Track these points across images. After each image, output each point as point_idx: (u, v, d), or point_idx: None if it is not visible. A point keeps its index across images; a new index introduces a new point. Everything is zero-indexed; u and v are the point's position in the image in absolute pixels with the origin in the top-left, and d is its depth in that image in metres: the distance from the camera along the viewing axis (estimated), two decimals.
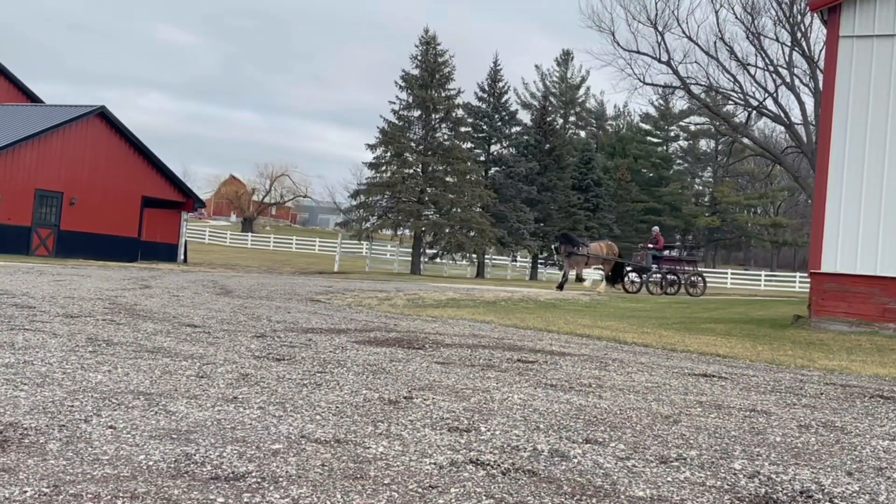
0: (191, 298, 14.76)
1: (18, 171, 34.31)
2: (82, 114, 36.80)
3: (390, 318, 13.67)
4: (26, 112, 38.99)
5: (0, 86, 43.59)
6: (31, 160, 34.91)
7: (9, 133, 35.38)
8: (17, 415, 4.95)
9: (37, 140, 35.00)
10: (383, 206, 50.59)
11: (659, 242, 31.86)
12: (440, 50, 51.49)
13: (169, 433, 4.77)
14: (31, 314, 10.22)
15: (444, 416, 5.76)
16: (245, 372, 7.03)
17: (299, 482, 4.04)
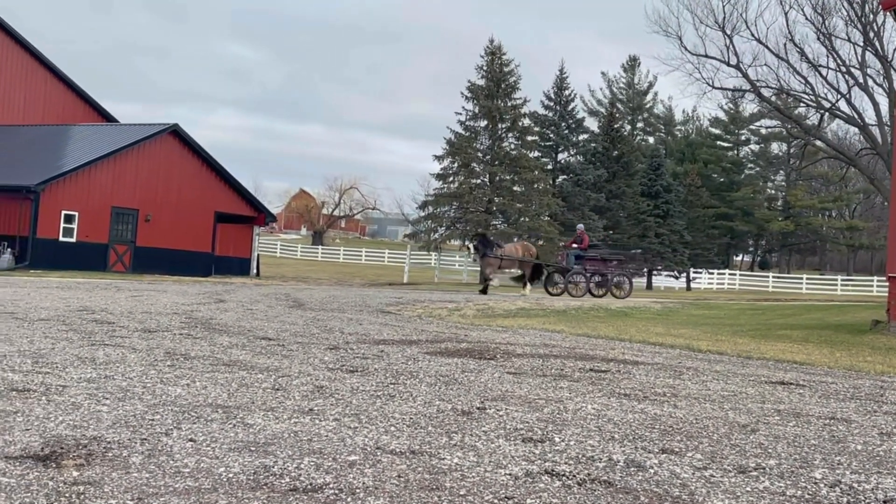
0: (264, 312, 14.96)
1: (95, 190, 35.12)
2: (156, 132, 37.57)
3: (461, 329, 13.69)
4: (102, 132, 39.94)
5: (77, 107, 44.71)
6: (108, 179, 35.73)
7: (86, 153, 36.26)
8: (101, 429, 5.07)
9: (112, 159, 35.81)
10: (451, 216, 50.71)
11: (583, 241, 30.25)
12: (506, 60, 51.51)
13: (247, 445, 4.84)
14: (110, 330, 10.45)
15: (517, 426, 5.76)
16: (320, 384, 7.11)
17: (376, 493, 4.07)
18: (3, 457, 4.35)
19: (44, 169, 34.76)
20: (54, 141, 39.43)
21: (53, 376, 6.76)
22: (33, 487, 3.90)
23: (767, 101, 56.78)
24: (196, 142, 38.73)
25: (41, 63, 43.32)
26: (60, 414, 5.39)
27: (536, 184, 51.29)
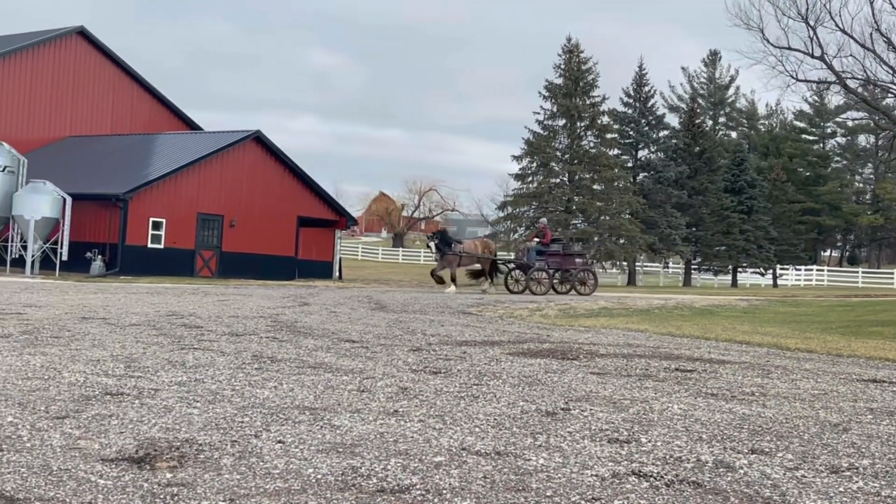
0: (348, 314, 15.11)
1: (182, 197, 35.88)
2: (239, 139, 38.20)
3: (542, 329, 13.65)
4: (187, 140, 40.78)
5: (162, 116, 45.73)
6: (193, 185, 36.46)
7: (172, 161, 37.06)
8: (192, 431, 5.19)
9: (198, 166, 36.52)
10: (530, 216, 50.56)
11: (546, 236, 29.13)
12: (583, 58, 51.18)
13: (335, 447, 4.91)
14: (199, 334, 10.67)
15: (603, 427, 5.73)
16: (404, 385, 7.16)
17: (462, 494, 4.09)
18: (99, 459, 4.47)
19: (132, 177, 35.63)
20: (141, 150, 40.40)
21: (146, 380, 6.93)
22: (129, 489, 4.01)
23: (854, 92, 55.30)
24: (278, 148, 39.28)
25: (129, 75, 44.42)
26: (153, 417, 5.53)
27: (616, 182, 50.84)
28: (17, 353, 8.09)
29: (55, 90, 42.05)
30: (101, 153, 39.82)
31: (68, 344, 9.00)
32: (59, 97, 42.19)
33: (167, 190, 35.58)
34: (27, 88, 41.08)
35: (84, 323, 11.37)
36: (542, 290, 27.57)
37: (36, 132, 41.29)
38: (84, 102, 43.13)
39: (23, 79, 40.96)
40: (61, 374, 7.04)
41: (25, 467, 4.26)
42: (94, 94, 43.42)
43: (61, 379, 6.79)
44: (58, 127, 42.23)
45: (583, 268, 29.25)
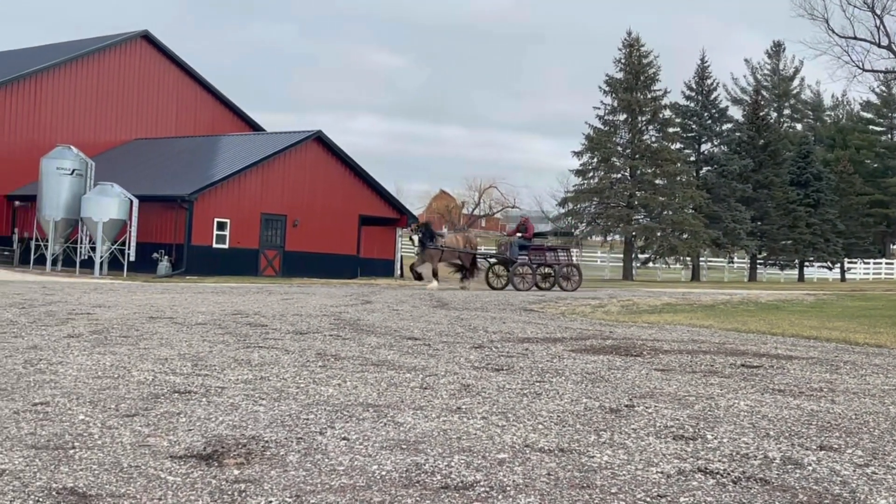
0: (409, 312, 15.17)
1: (245, 197, 36.32)
2: (301, 139, 38.55)
3: (605, 326, 13.57)
4: (250, 141, 41.27)
5: (225, 118, 46.34)
6: (256, 186, 36.88)
7: (235, 161, 37.54)
8: (258, 428, 5.25)
9: (260, 166, 36.94)
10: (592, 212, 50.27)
11: (528, 230, 28.03)
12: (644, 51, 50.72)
13: (398, 444, 4.93)
14: (263, 332, 10.80)
15: (667, 423, 5.68)
16: (466, 383, 7.17)
17: (526, 491, 4.08)
18: (168, 456, 4.55)
19: (196, 179, 36.17)
20: (205, 151, 40.98)
21: (212, 378, 7.03)
22: (197, 485, 4.07)
23: None
24: (339, 147, 39.56)
25: (192, 77, 45.10)
26: (220, 414, 5.61)
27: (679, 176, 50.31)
28: (88, 353, 8.27)
29: (121, 94, 42.85)
30: (166, 155, 40.49)
31: (137, 343, 9.17)
32: (124, 101, 42.98)
33: (231, 191, 36.04)
34: (94, 93, 41.92)
35: (152, 322, 11.57)
36: (525, 285, 26.62)
37: (103, 135, 42.12)
38: (149, 105, 43.89)
39: (90, 83, 41.81)
40: (130, 372, 7.17)
41: (97, 464, 4.35)
42: (158, 97, 44.15)
43: (130, 378, 6.92)
44: (124, 130, 43.02)
45: (567, 263, 28.26)
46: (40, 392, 6.16)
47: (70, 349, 8.49)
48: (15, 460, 4.36)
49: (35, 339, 9.26)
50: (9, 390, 6.18)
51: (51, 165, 34.64)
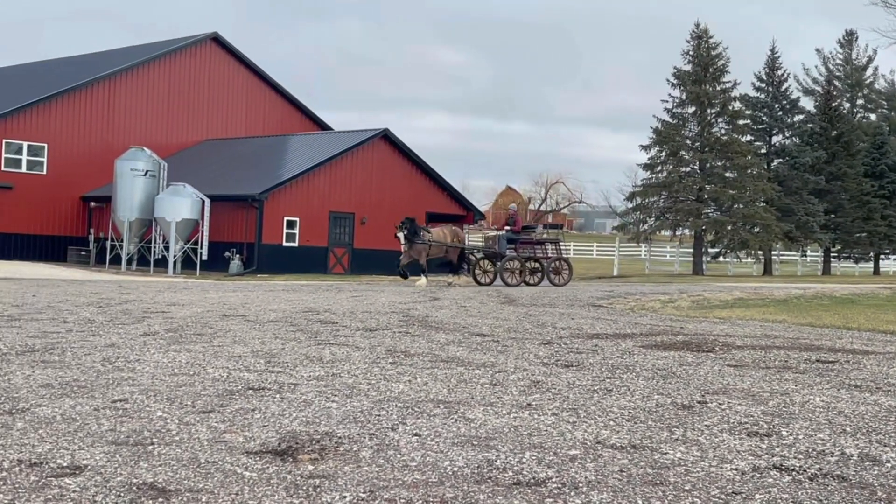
0: (477, 308, 15.19)
1: (314, 196, 36.70)
2: (368, 137, 38.82)
3: (675, 321, 13.44)
4: (318, 140, 41.67)
5: (293, 117, 46.85)
6: (325, 184, 37.24)
7: (304, 161, 37.94)
8: (331, 424, 5.32)
9: (329, 165, 37.29)
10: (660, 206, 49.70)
11: (517, 224, 26.78)
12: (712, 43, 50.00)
13: (469, 440, 4.95)
14: (334, 329, 10.91)
15: (741, 420, 5.62)
16: (536, 379, 7.16)
17: (599, 488, 4.08)
18: (244, 452, 4.63)
19: (266, 178, 36.63)
20: (275, 151, 41.47)
21: (285, 375, 7.13)
22: (273, 481, 4.14)
23: None
24: (406, 145, 39.75)
25: (260, 78, 45.67)
26: (293, 411, 5.68)
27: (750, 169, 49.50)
28: (164, 351, 8.44)
29: (191, 95, 43.56)
30: (237, 155, 41.06)
31: (211, 341, 9.33)
32: (195, 102, 43.70)
33: (300, 189, 36.44)
34: (165, 95, 42.68)
35: (225, 320, 11.76)
36: (515, 280, 25.60)
37: (174, 137, 42.88)
38: (219, 106, 44.56)
39: (161, 86, 42.58)
40: (205, 369, 7.30)
41: (175, 459, 4.45)
42: (228, 99, 44.80)
43: (205, 375, 7.05)
44: (195, 131, 43.75)
45: (556, 256, 27.11)
46: (119, 389, 6.31)
47: (146, 347, 8.67)
48: (96, 456, 4.47)
49: (112, 337, 9.47)
50: (89, 388, 6.34)
51: (125, 167, 35.38)
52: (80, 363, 7.47)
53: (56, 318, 11.38)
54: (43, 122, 38.85)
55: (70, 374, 6.86)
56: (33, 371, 6.98)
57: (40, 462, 4.33)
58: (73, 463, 4.33)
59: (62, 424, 5.14)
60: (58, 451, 4.55)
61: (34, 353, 7.99)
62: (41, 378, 6.66)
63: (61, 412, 5.46)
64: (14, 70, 51.15)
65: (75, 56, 50.54)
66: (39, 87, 41.30)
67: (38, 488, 3.93)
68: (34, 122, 38.62)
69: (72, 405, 5.68)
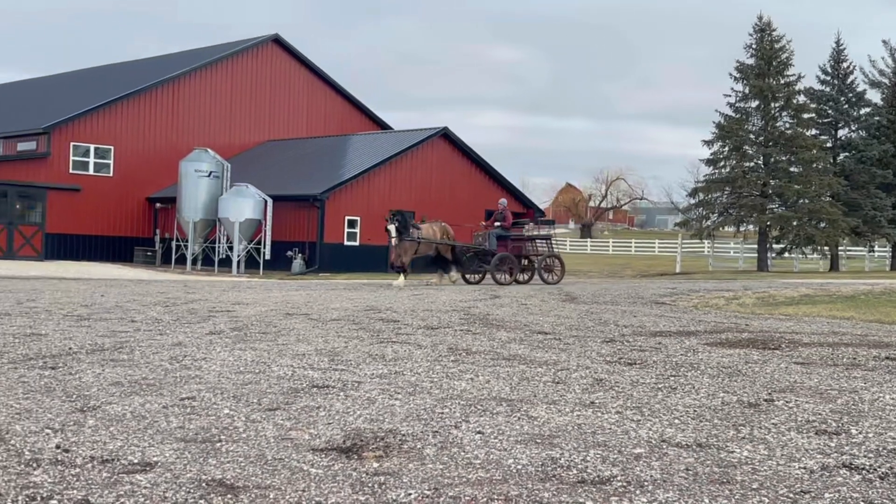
0: (538, 306, 15.15)
1: (374, 195, 36.93)
2: (427, 136, 38.96)
3: (740, 318, 13.27)
4: (378, 139, 41.91)
5: (354, 117, 47.16)
6: (385, 183, 37.46)
7: (364, 160, 38.20)
8: (395, 422, 5.35)
9: (389, 164, 37.50)
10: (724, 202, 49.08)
11: (506, 219, 25.53)
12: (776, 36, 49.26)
13: (533, 438, 4.95)
14: (396, 327, 10.96)
15: (809, 418, 5.53)
16: (599, 377, 7.13)
17: (664, 486, 4.05)
18: (310, 449, 4.69)
19: (327, 178, 36.95)
20: (335, 151, 41.80)
21: (349, 373, 7.19)
22: (339, 478, 4.18)
23: None
24: (465, 143, 39.80)
25: (321, 78, 46.07)
26: (358, 408, 5.73)
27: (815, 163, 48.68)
28: (230, 349, 8.56)
29: (253, 97, 44.08)
30: (298, 156, 41.47)
31: (275, 339, 9.44)
32: (257, 103, 44.21)
33: (361, 189, 36.69)
34: (228, 96, 43.25)
35: (288, 319, 11.89)
36: (507, 279, 24.38)
37: (237, 138, 43.43)
38: (280, 107, 45.03)
39: (223, 88, 43.15)
40: (270, 367, 7.39)
41: (242, 456, 4.51)
42: (289, 99, 45.25)
43: (270, 373, 7.13)
44: (257, 132, 44.26)
45: (549, 253, 25.92)
46: (186, 387, 6.42)
47: (212, 345, 8.80)
48: (166, 453, 4.56)
49: (179, 336, 9.63)
50: (157, 386, 6.46)
51: (189, 168, 35.94)
52: (149, 362, 7.61)
53: (124, 318, 11.60)
54: (109, 125, 39.61)
55: (139, 373, 6.99)
56: (103, 369, 7.13)
57: (112, 458, 4.42)
58: (144, 460, 4.42)
59: (132, 422, 5.24)
60: (128, 447, 4.64)
61: (104, 352, 8.16)
62: (111, 376, 6.80)
63: (131, 410, 5.57)
64: (80, 74, 52.23)
65: (139, 60, 51.47)
66: (105, 90, 42.12)
67: (110, 484, 4.01)
68: (101, 125, 39.40)
69: (141, 403, 5.79)
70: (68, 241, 38.13)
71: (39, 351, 8.15)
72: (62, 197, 37.81)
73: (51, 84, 51.56)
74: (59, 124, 38.04)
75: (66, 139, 38.23)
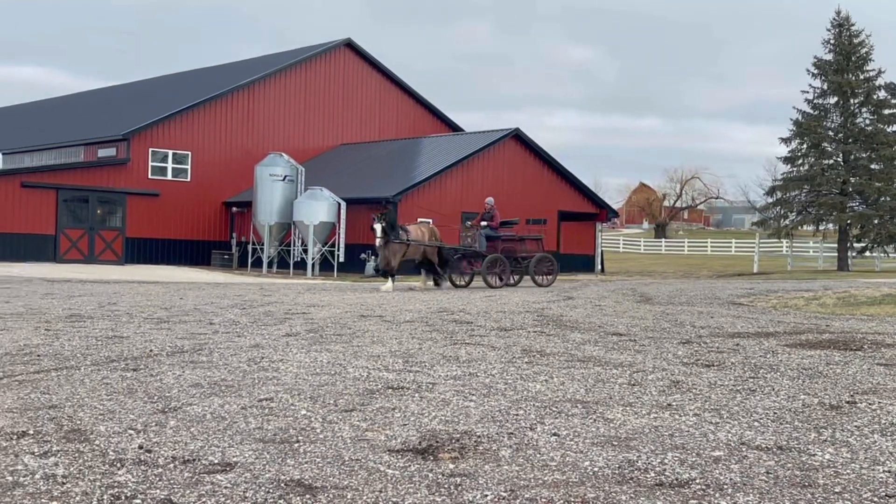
0: (612, 307, 15.04)
1: (446, 197, 37.00)
2: (499, 137, 38.91)
3: (820, 319, 13.00)
4: (449, 141, 41.99)
5: (425, 119, 47.35)
6: (457, 185, 37.51)
7: (436, 162, 38.31)
8: (470, 423, 5.36)
9: (460, 166, 37.54)
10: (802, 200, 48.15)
11: (494, 219, 24.23)
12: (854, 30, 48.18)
13: (609, 440, 4.92)
14: (469, 329, 10.97)
15: (893, 420, 5.40)
16: (675, 379, 7.05)
17: (744, 490, 3.99)
18: (386, 450, 4.72)
19: (399, 180, 37.14)
20: (407, 153, 42.00)
21: (423, 374, 7.22)
22: (415, 478, 4.20)
23: None
24: (536, 144, 39.67)
25: (393, 82, 46.34)
26: (432, 410, 5.75)
27: None
28: (306, 351, 8.65)
29: (326, 101, 44.53)
30: (371, 158, 41.76)
31: (350, 341, 9.52)
32: (329, 107, 44.64)
33: (433, 191, 36.80)
34: (301, 101, 43.74)
35: (363, 321, 11.98)
36: (496, 281, 23.13)
37: (311, 141, 43.91)
38: (353, 111, 45.41)
39: (298, 92, 43.66)
40: (346, 369, 7.46)
41: (320, 457, 4.56)
42: (362, 103, 45.61)
43: (346, 374, 7.19)
44: (330, 136, 44.69)
45: (541, 255, 24.40)
46: (264, 388, 6.51)
47: (289, 347, 8.91)
48: (245, 453, 4.63)
49: (256, 338, 9.77)
50: (236, 387, 6.56)
51: (264, 172, 36.42)
52: (227, 363, 7.73)
53: (202, 320, 11.81)
54: (186, 130, 40.36)
55: (218, 374, 7.11)
56: (183, 371, 7.26)
57: (193, 459, 4.51)
58: (224, 460, 4.49)
59: (212, 422, 5.33)
60: (209, 448, 4.72)
61: (183, 354, 8.31)
62: (191, 378, 6.93)
63: (211, 411, 5.67)
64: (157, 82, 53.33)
65: (214, 66, 52.35)
66: (182, 97, 42.93)
67: (191, 484, 4.09)
68: (178, 131, 40.16)
69: (220, 404, 5.89)
70: (147, 246, 38.94)
71: (121, 353, 8.34)
72: (141, 202, 38.62)
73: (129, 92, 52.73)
74: (138, 131, 38.87)
75: (144, 145, 39.04)
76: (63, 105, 55.48)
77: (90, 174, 38.12)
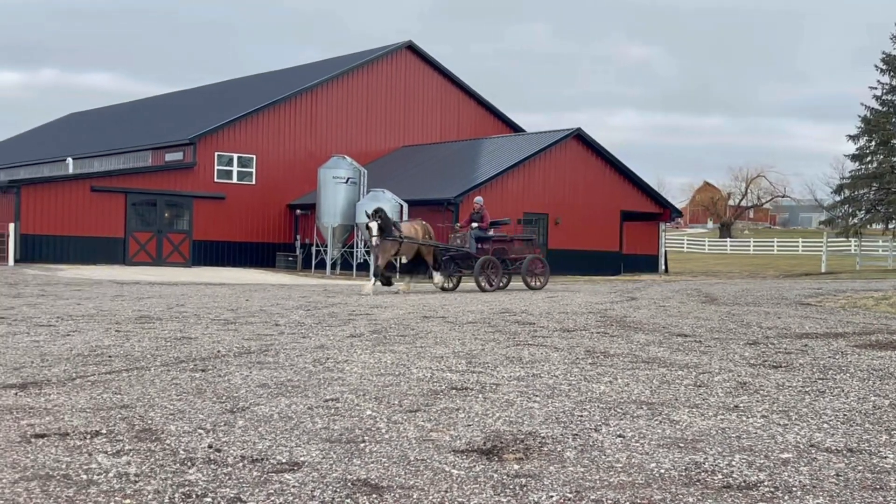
0: (677, 308, 14.90)
1: (508, 198, 36.95)
2: (560, 138, 38.76)
3: (891, 319, 12.75)
4: (510, 142, 41.94)
5: (486, 120, 47.34)
6: (518, 186, 37.45)
7: (497, 163, 38.28)
8: (534, 424, 5.36)
9: (521, 167, 37.47)
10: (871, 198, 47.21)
11: (483, 219, 23.12)
12: None
13: (675, 442, 4.88)
14: (531, 330, 10.96)
15: None
16: (742, 380, 6.97)
17: (814, 492, 3.94)
18: (450, 450, 4.74)
19: (460, 182, 37.18)
20: (468, 155, 42.03)
21: (486, 375, 7.23)
22: (480, 479, 4.22)
23: None
24: (599, 144, 39.44)
25: (453, 83, 46.43)
26: (496, 410, 5.76)
27: None
28: (370, 352, 8.72)
29: (388, 103, 44.76)
30: (432, 160, 41.88)
31: (413, 342, 9.57)
32: (391, 109, 44.88)
33: (494, 191, 36.76)
34: (364, 103, 44.04)
35: (426, 322, 12.03)
36: (487, 284, 22.24)
37: (373, 144, 44.18)
38: (415, 113, 45.59)
39: (359, 95, 43.96)
40: (410, 370, 7.50)
41: (385, 457, 4.60)
42: (423, 105, 45.77)
43: (410, 375, 7.24)
44: (391, 138, 44.92)
45: (532, 256, 23.33)
46: (330, 389, 6.57)
47: (353, 348, 8.98)
48: (312, 453, 4.69)
49: (321, 339, 9.87)
50: (302, 387, 6.64)
51: (327, 175, 36.72)
52: (293, 364, 7.83)
53: (268, 322, 11.96)
54: (251, 134, 40.87)
55: (284, 375, 7.20)
56: (250, 372, 7.37)
57: (261, 458, 4.58)
58: (292, 459, 4.56)
59: (279, 422, 5.41)
60: (276, 447, 4.79)
61: (250, 355, 8.43)
62: (258, 378, 7.02)
63: (278, 411, 5.75)
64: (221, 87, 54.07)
65: (277, 70, 52.92)
66: (246, 101, 43.47)
67: (260, 483, 4.15)
68: (243, 134, 40.69)
69: (287, 404, 5.96)
70: (213, 248, 39.50)
71: (190, 354, 8.48)
72: (208, 205, 39.19)
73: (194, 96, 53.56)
74: (204, 135, 39.45)
75: (210, 149, 39.62)
76: (130, 111, 56.54)
77: (158, 178, 38.79)
